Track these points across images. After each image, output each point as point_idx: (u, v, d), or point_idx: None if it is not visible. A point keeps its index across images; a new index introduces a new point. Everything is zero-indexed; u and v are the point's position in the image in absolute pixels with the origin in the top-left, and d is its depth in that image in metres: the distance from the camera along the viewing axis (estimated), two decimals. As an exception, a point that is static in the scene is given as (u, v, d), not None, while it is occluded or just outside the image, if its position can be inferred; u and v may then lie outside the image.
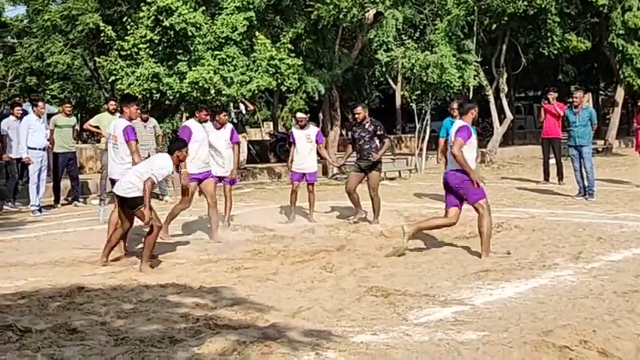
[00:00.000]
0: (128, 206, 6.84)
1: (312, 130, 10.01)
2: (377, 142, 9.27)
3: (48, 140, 11.53)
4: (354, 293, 5.51)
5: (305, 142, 9.85)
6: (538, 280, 5.74)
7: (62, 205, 12.02)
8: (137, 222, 7.88)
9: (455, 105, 11.38)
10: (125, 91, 14.78)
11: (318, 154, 10.15)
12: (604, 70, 29.88)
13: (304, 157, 9.81)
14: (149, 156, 12.43)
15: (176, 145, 7.14)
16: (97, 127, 12.42)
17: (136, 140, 7.42)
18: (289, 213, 9.88)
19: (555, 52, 21.80)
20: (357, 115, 9.36)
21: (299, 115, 10.30)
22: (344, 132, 9.81)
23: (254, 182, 15.42)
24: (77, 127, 13.55)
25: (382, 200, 9.55)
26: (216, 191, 8.59)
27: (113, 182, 7.41)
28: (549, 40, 21.32)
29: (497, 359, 3.93)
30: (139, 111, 8.19)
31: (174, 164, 6.95)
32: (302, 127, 9.95)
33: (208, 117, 8.71)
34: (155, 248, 6.96)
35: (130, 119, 7.51)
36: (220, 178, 9.05)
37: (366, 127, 9.28)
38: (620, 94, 23.95)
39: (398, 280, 5.95)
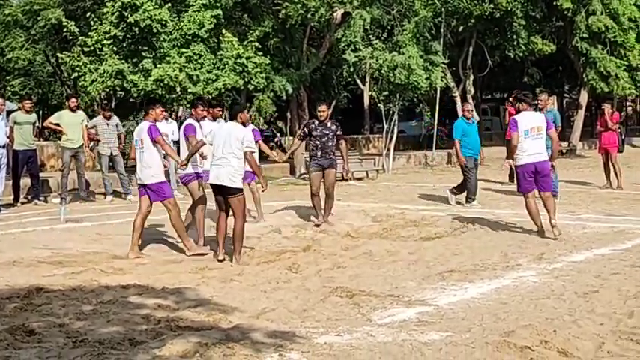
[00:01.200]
0: (228, 194, 6.80)
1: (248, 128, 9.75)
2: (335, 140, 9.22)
3: (8, 138, 11.24)
4: (319, 294, 5.49)
5: None
6: (501, 281, 5.80)
7: (22, 203, 11.74)
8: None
9: (470, 107, 11.60)
10: (88, 88, 14.52)
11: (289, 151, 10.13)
12: (568, 73, 30.45)
13: None
14: (112, 154, 12.32)
15: (236, 108, 7.14)
16: (58, 125, 12.18)
17: (161, 135, 7.28)
18: (255, 213, 9.78)
19: (521, 54, 22.18)
20: (321, 113, 9.19)
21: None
22: (306, 130, 9.58)
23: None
24: (38, 125, 13.22)
25: (349, 200, 9.58)
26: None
27: (143, 186, 7.24)
28: (515, 43, 21.68)
29: (460, 359, 3.94)
30: (164, 113, 7.96)
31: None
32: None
33: (205, 112, 8.16)
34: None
35: (155, 121, 7.38)
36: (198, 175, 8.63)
37: (328, 125, 9.18)
38: (583, 97, 24.42)
39: (363, 280, 5.95)
